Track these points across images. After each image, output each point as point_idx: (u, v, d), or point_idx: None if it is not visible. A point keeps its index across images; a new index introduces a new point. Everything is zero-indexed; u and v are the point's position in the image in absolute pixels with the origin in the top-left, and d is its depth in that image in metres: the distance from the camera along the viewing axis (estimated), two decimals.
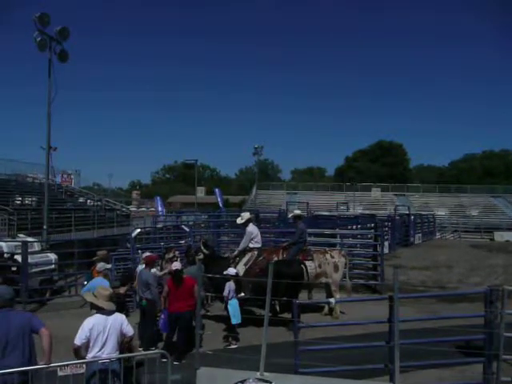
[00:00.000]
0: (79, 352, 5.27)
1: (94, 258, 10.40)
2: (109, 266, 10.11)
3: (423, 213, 37.76)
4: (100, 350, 5.24)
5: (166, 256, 10.97)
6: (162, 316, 8.54)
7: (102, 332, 5.25)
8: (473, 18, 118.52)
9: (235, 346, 8.94)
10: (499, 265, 19.82)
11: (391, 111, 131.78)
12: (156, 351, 5.83)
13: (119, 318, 5.44)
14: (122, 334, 5.41)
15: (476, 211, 50.11)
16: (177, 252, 11.17)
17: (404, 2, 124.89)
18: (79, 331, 5.26)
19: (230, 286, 9.19)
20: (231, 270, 9.57)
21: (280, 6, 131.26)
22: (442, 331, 6.96)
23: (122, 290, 8.48)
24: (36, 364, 4.84)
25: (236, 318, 9.06)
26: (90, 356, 5.24)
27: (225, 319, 9.59)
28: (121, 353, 5.42)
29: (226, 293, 9.14)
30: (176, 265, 8.67)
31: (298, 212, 12.98)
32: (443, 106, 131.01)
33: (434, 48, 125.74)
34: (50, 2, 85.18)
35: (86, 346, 5.30)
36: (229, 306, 9.11)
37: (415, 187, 59.99)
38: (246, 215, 11.46)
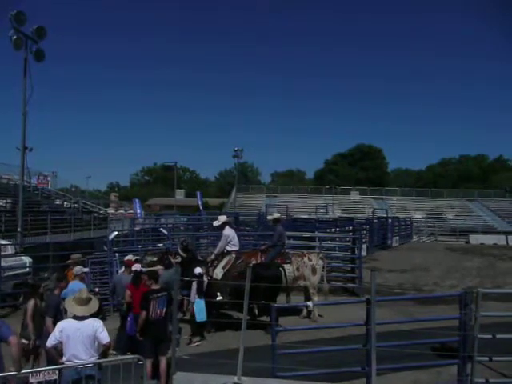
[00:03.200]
0: (51, 354, 5.36)
1: (68, 262, 10.22)
2: (86, 269, 9.93)
3: (401, 216, 38.29)
4: (72, 354, 5.15)
5: (148, 259, 10.84)
6: (129, 319, 8.41)
7: (72, 336, 5.15)
8: (458, 22, 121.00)
9: (198, 344, 9.00)
10: (474, 267, 20.22)
11: (370, 115, 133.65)
12: (132, 356, 5.71)
13: (93, 323, 5.31)
14: (98, 341, 5.30)
15: (452, 215, 51.04)
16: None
17: (385, 6, 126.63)
18: (51, 334, 5.34)
19: (194, 285, 9.34)
20: (197, 270, 9.61)
21: (262, 9, 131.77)
22: (418, 333, 7.05)
23: None
24: (5, 372, 4.72)
25: (201, 316, 9.10)
26: (63, 360, 5.19)
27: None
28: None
29: (192, 295, 9.28)
30: (136, 266, 8.68)
31: (277, 215, 12.98)
32: (421, 110, 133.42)
33: (412, 52, 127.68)
34: (29, 1, 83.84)
35: (61, 349, 5.24)
36: (194, 305, 9.17)
37: (393, 191, 60.78)
38: (223, 218, 11.44)
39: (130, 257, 10.40)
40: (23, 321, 7.14)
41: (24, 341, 6.81)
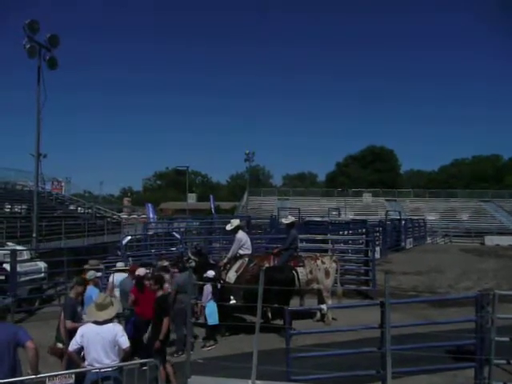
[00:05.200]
0: (73, 358, 5.39)
1: (86, 267, 10.29)
2: (99, 274, 10.02)
3: (414, 218, 37.95)
4: (93, 359, 5.21)
5: (159, 263, 10.91)
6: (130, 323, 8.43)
7: (93, 341, 5.22)
8: (468, 22, 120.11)
9: (212, 347, 8.98)
10: (490, 269, 19.94)
11: (381, 116, 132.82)
12: (147, 360, 5.74)
13: (113, 328, 5.37)
14: (118, 346, 5.33)
15: (466, 216, 50.46)
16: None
17: (396, 6, 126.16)
18: (73, 338, 5.39)
19: (207, 288, 9.31)
20: (210, 273, 9.61)
21: (272, 11, 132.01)
22: (434, 336, 6.97)
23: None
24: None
25: (213, 319, 9.12)
26: (85, 364, 5.26)
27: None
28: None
29: (204, 298, 9.28)
30: (140, 271, 8.70)
31: (292, 219, 12.88)
32: (433, 110, 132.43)
33: (424, 53, 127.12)
34: (42, 9, 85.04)
35: (82, 353, 5.31)
36: (206, 308, 9.18)
37: (406, 192, 60.33)
38: (236, 222, 11.44)
39: (120, 264, 10.52)
40: (58, 325, 7.22)
41: (59, 345, 6.92)
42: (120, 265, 10.44)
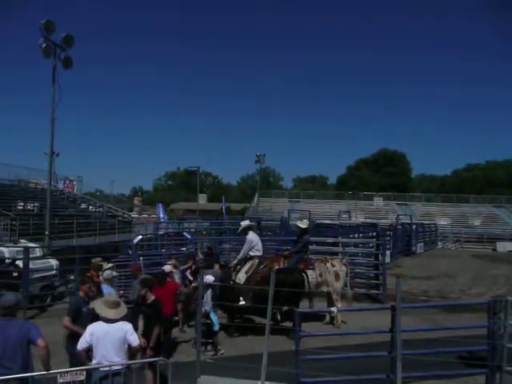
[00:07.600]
0: (81, 356, 5.36)
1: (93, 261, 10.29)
2: (115, 273, 10.05)
3: (425, 222, 37.63)
4: (102, 357, 5.21)
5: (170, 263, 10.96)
6: None
7: (103, 339, 5.23)
8: (476, 27, 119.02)
9: (213, 353, 8.84)
10: (502, 275, 19.73)
11: (393, 120, 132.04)
12: (156, 358, 5.77)
13: (123, 326, 5.38)
14: (128, 344, 5.35)
15: (478, 221, 49.91)
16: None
17: (408, 10, 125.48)
18: (82, 336, 5.36)
19: (208, 296, 8.96)
20: (209, 278, 9.10)
21: (278, 12, 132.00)
22: (445, 342, 6.92)
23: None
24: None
25: (217, 325, 9.00)
26: (93, 362, 5.27)
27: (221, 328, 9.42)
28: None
29: (206, 303, 8.88)
30: (166, 268, 8.77)
31: (306, 223, 12.79)
32: (446, 115, 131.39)
33: (437, 56, 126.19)
34: (58, 9, 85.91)
35: (90, 351, 5.31)
36: (211, 315, 8.93)
37: (417, 196, 59.91)
38: (245, 223, 11.44)
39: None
40: None
41: None
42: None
